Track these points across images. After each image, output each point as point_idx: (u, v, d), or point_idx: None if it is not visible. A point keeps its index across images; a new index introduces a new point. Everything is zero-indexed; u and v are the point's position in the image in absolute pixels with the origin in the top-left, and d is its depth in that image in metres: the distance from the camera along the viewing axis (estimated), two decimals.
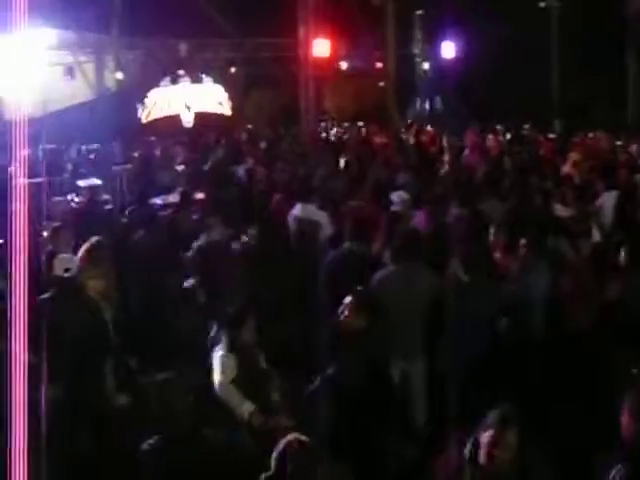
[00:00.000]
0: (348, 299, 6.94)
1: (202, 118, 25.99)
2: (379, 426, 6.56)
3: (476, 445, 4.91)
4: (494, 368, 7.34)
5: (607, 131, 23.31)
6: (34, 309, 3.99)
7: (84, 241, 7.85)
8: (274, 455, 4.73)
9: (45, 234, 9.03)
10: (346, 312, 6.89)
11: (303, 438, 4.78)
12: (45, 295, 7.03)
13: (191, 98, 26.01)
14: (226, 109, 26.89)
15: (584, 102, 28.62)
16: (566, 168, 15.07)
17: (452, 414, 7.68)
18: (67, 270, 7.19)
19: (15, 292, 3.80)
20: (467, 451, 4.94)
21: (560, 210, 10.88)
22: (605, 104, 28.17)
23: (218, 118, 26.61)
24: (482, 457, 4.86)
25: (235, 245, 9.82)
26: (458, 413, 7.55)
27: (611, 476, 4.68)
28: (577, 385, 6.50)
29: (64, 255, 7.61)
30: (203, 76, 26.74)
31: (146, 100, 25.68)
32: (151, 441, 5.05)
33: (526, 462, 4.89)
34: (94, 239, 7.73)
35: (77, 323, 6.85)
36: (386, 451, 6.62)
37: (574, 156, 16.52)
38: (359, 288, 7.25)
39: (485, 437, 4.89)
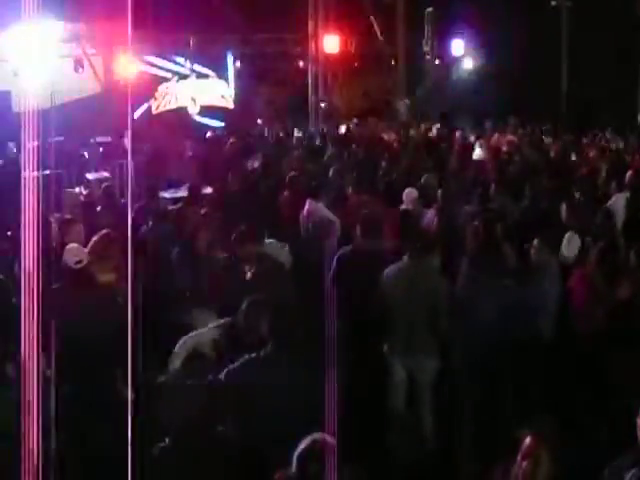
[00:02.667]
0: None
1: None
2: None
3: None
4: (504, 368, 7.31)
5: (616, 132, 23.30)
6: (45, 301, 3.94)
7: (94, 234, 7.80)
8: (297, 453, 4.60)
9: (55, 226, 8.98)
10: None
11: (328, 438, 4.68)
12: (56, 286, 6.91)
13: (197, 92, 26.75)
14: (229, 102, 27.43)
15: (594, 102, 28.55)
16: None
17: (460, 415, 7.66)
18: (79, 262, 7.13)
19: (26, 284, 3.77)
20: None
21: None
22: (616, 103, 28.06)
23: (226, 113, 27.01)
24: None
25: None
26: (467, 414, 7.53)
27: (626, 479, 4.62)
28: (588, 386, 6.48)
29: (73, 245, 7.53)
30: (209, 71, 27.27)
31: (156, 93, 26.35)
32: (163, 444, 4.94)
33: None
34: (104, 232, 7.69)
35: (93, 315, 6.78)
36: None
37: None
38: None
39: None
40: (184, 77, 26.89)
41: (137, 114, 26.09)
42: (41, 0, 3.78)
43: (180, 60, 27.11)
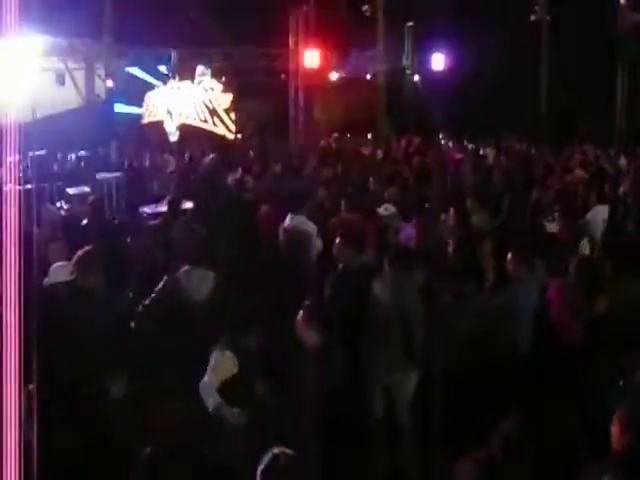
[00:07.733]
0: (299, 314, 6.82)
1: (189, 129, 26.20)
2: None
3: None
4: (481, 382, 7.33)
5: (595, 144, 23.45)
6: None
7: (77, 250, 7.81)
8: (259, 469, 4.60)
9: (35, 242, 8.95)
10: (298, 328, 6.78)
11: (289, 452, 4.70)
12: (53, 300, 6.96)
13: (176, 105, 26.18)
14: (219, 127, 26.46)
15: (573, 115, 28.75)
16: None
17: (438, 427, 7.66)
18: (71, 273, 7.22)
19: (7, 299, 3.78)
20: None
21: (548, 225, 10.91)
22: (594, 117, 28.27)
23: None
24: None
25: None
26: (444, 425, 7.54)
27: None
28: (566, 399, 6.51)
29: (61, 263, 7.63)
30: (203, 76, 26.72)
31: (143, 103, 26.21)
32: (147, 451, 4.98)
33: None
34: (87, 247, 7.70)
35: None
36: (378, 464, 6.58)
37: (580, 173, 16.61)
38: (309, 302, 7.02)
39: None
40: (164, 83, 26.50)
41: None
42: (23, 14, 3.81)
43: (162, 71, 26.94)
